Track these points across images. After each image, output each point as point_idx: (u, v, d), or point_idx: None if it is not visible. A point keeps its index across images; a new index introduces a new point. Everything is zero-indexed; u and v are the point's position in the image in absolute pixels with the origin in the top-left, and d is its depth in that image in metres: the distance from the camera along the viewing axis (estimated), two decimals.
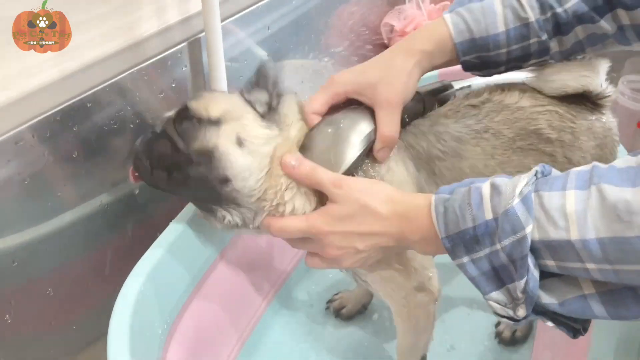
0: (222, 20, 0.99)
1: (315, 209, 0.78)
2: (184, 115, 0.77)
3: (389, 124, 0.80)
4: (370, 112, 0.82)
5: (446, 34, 0.84)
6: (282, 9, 1.22)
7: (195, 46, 0.99)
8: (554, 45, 0.86)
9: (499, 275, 0.61)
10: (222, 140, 0.75)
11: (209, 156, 0.74)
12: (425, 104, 0.88)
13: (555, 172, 0.63)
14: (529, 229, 0.57)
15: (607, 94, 0.91)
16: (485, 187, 0.62)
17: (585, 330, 0.62)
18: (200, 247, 0.95)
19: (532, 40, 0.84)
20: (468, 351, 1.09)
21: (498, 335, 1.10)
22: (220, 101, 0.79)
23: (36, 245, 0.84)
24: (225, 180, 0.75)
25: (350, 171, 0.79)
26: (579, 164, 0.84)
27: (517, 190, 0.58)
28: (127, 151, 0.88)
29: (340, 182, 0.73)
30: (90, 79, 0.85)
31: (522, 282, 0.58)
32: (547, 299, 0.59)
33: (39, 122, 0.79)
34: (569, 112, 0.89)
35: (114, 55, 0.87)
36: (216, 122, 0.76)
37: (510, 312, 0.60)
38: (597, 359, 0.88)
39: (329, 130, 0.81)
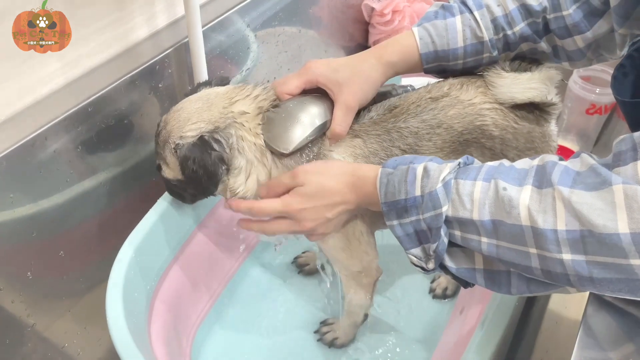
0: (205, 24, 1.10)
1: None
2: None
3: (342, 122, 0.93)
4: (332, 104, 0.92)
5: (413, 46, 0.95)
6: (261, 7, 1.29)
7: (181, 50, 1.10)
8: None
9: (419, 237, 0.76)
10: None
11: None
12: (375, 101, 1.00)
13: (476, 162, 0.78)
14: (445, 208, 0.71)
15: (554, 103, 0.96)
16: (419, 169, 0.75)
17: (473, 284, 0.79)
18: (182, 220, 1.11)
19: (484, 55, 0.96)
20: (408, 302, 1.29)
21: (432, 291, 1.30)
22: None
23: (49, 217, 0.96)
24: None
25: (300, 150, 0.90)
26: (513, 160, 0.94)
27: (441, 177, 0.73)
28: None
29: (296, 172, 0.88)
30: (91, 86, 0.96)
31: (435, 245, 0.73)
32: (449, 263, 0.75)
33: (51, 126, 0.90)
34: (513, 113, 0.95)
35: (110, 62, 0.98)
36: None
37: (423, 264, 0.77)
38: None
39: (289, 112, 0.91)
